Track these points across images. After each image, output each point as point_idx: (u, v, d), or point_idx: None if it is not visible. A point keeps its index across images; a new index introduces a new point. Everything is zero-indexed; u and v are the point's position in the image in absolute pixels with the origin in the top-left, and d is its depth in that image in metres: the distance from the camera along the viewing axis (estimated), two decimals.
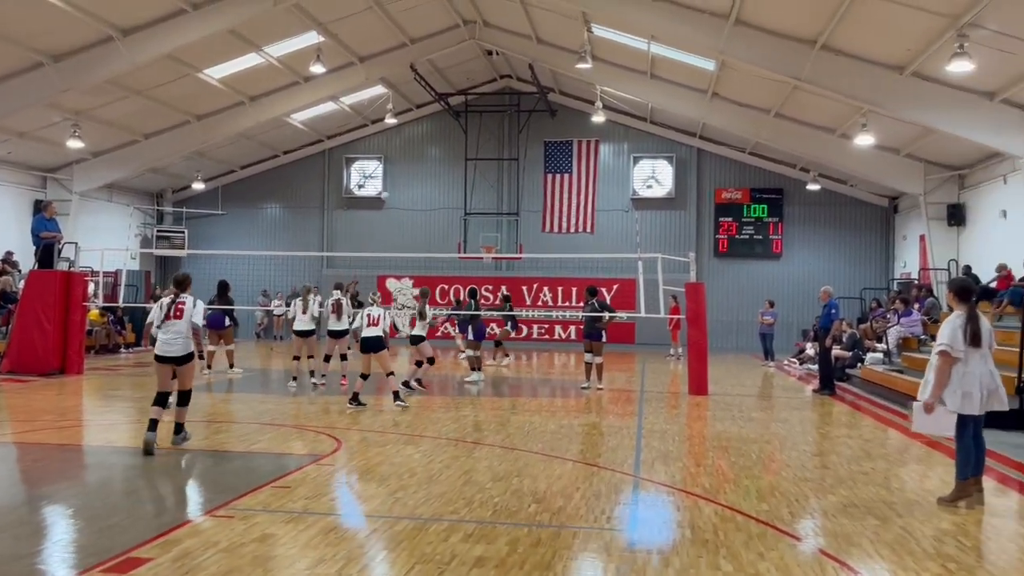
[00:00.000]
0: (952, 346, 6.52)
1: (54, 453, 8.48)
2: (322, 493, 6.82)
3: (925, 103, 16.22)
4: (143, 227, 28.36)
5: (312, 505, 6.39)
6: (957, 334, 6.53)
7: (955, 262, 20.46)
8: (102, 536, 5.51)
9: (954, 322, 6.63)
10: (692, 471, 7.94)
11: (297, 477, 7.33)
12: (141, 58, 18.29)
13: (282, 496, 6.61)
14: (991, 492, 7.19)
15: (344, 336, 14.78)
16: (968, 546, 5.64)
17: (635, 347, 25.96)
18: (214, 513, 6.08)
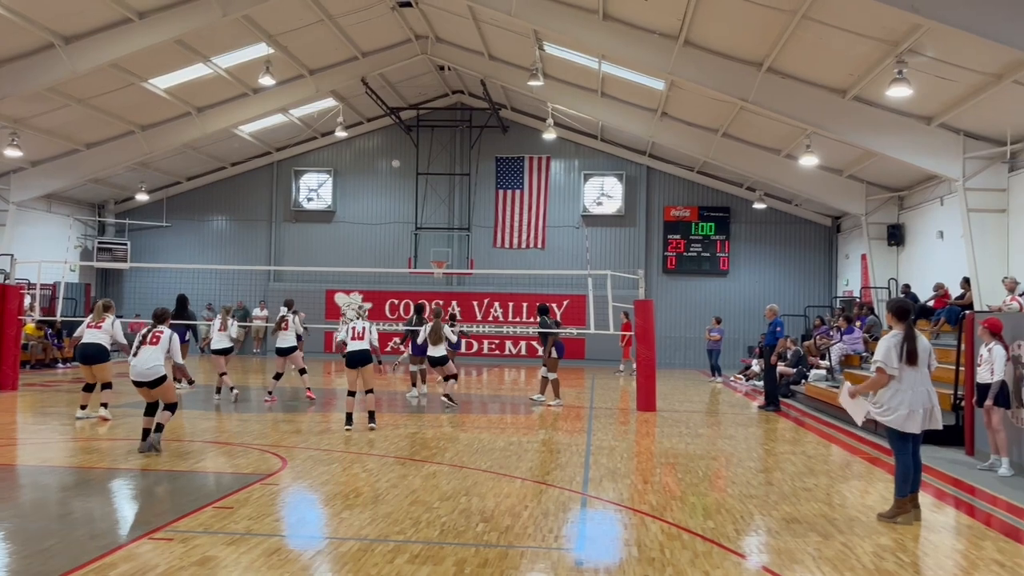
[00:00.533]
0: (886, 363, 6.75)
1: None
2: (266, 514, 6.68)
3: (866, 126, 16.66)
4: (83, 239, 27.63)
5: (255, 526, 6.25)
6: (891, 352, 6.75)
7: (895, 281, 21.03)
8: (34, 561, 5.32)
9: (890, 340, 6.83)
10: (640, 488, 7.98)
11: (240, 497, 7.18)
12: (83, 66, 17.89)
13: (224, 517, 6.47)
14: (928, 508, 7.36)
15: (292, 353, 14.56)
16: (907, 562, 5.75)
17: (585, 362, 26.07)
18: (152, 536, 5.92)
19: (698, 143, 22.82)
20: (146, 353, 9.30)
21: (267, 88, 21.84)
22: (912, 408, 6.72)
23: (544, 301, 21.88)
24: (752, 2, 14.17)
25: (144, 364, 9.24)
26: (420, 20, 21.55)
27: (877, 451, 10.69)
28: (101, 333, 11.57)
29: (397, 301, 27.29)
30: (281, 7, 18.35)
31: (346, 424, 11.32)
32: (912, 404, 6.72)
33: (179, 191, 28.99)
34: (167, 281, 27.16)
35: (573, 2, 17.03)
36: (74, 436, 10.54)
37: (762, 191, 25.76)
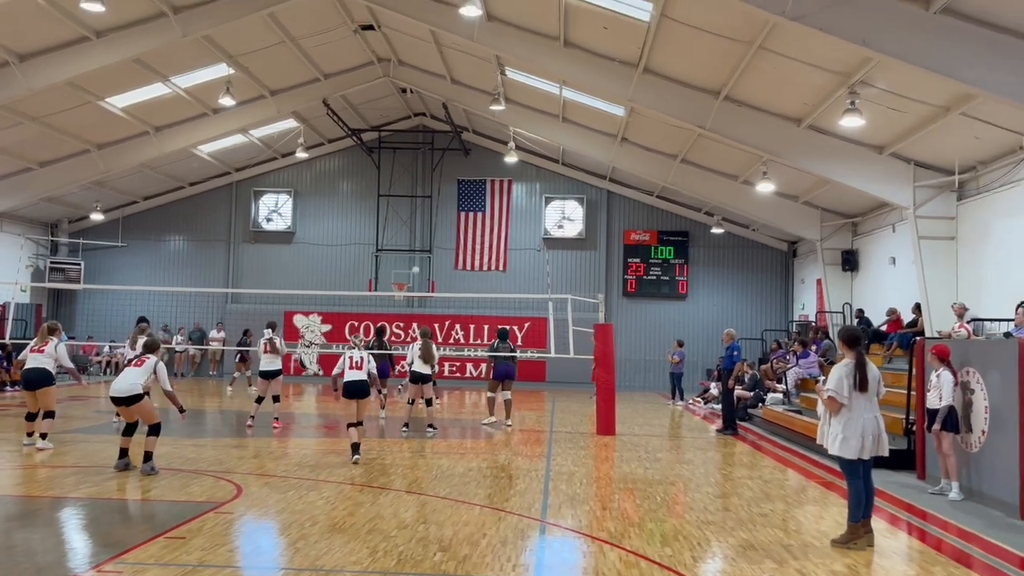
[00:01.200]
0: (838, 392, 6.88)
1: None
2: (219, 544, 6.56)
3: (820, 154, 17.04)
4: (35, 258, 27.02)
5: (208, 557, 6.14)
6: (843, 381, 6.88)
7: (849, 305, 21.42)
8: None
9: (841, 369, 6.97)
10: (598, 515, 7.99)
11: (193, 526, 7.05)
12: (39, 84, 17.63)
13: (176, 548, 6.34)
14: (881, 533, 7.47)
15: (276, 377, 14.15)
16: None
17: (546, 385, 26.11)
18: (101, 568, 5.79)
19: (657, 168, 23.12)
20: (127, 373, 9.75)
21: (227, 108, 21.69)
22: (863, 435, 6.84)
23: (505, 324, 21.95)
24: (710, 32, 14.46)
25: (123, 382, 9.60)
26: (382, 43, 21.61)
27: (832, 475, 10.83)
28: (44, 357, 11.30)
29: (357, 323, 27.08)
30: (242, 28, 18.28)
31: (353, 454, 10.60)
32: (863, 431, 6.84)
33: (136, 211, 28.55)
34: (122, 302, 26.66)
35: (534, 29, 17.23)
36: (20, 463, 10.26)
37: (720, 216, 26.14)
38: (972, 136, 14.37)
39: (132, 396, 9.55)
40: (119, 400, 9.60)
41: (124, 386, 9.58)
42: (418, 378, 14.22)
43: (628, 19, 15.28)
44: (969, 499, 9.18)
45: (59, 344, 11.54)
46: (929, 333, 15.26)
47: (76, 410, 16.74)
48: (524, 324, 26.81)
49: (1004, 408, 8.70)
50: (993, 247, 15.01)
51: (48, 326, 11.75)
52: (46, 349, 11.33)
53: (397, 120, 27.97)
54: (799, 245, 26.35)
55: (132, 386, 9.58)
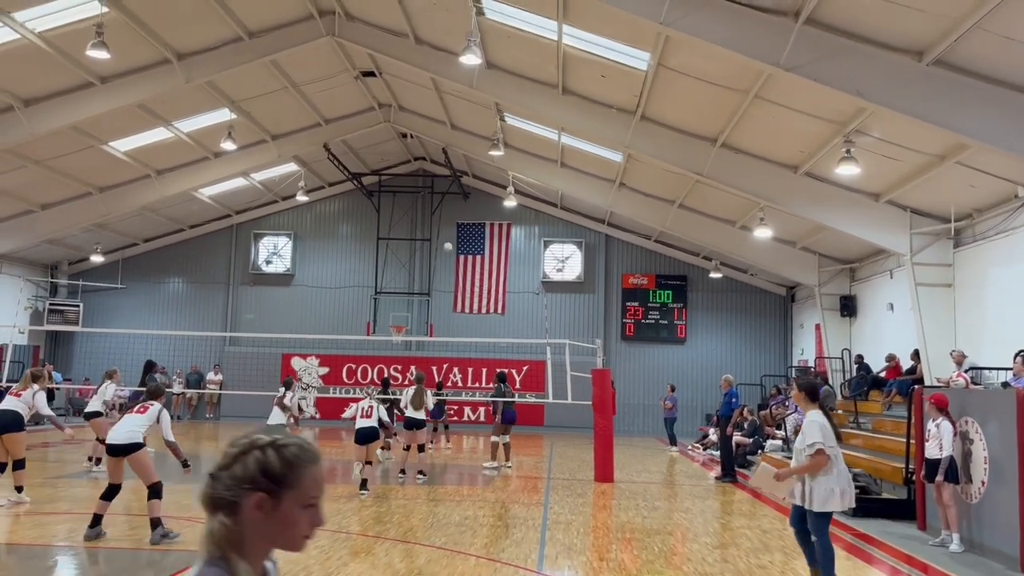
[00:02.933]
0: (826, 444, 6.59)
1: None
2: None
3: (817, 201, 17.16)
4: (34, 300, 27.04)
5: None
6: (828, 432, 6.63)
7: (848, 351, 21.39)
8: None
9: (818, 421, 6.69)
10: (595, 566, 7.90)
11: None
12: (42, 128, 17.82)
13: None
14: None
15: None
16: None
17: (544, 430, 25.95)
18: None
19: (655, 213, 23.27)
20: (127, 419, 8.70)
21: (229, 152, 21.88)
22: (841, 487, 6.65)
23: (503, 367, 21.89)
24: (706, 81, 14.67)
25: (123, 427, 8.59)
26: (383, 89, 21.89)
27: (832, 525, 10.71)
28: (19, 402, 10.71)
29: (355, 366, 27.02)
30: (245, 74, 18.54)
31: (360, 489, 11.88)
32: (846, 484, 6.68)
33: (135, 252, 28.65)
34: (120, 344, 26.57)
35: (533, 76, 17.48)
36: (16, 509, 10.16)
37: (718, 260, 26.23)
38: (967, 184, 14.49)
39: (131, 444, 8.50)
40: (116, 449, 8.53)
41: (122, 433, 8.53)
42: (412, 424, 14.17)
43: (625, 68, 15.51)
44: (970, 551, 9.08)
45: (37, 392, 10.96)
46: (928, 380, 15.22)
47: (70, 454, 16.61)
48: (522, 367, 26.74)
49: (1003, 459, 8.65)
50: (991, 294, 15.04)
51: (32, 372, 11.29)
52: (23, 394, 10.77)
53: (397, 164, 28.22)
54: (797, 290, 26.40)
55: (131, 433, 8.53)
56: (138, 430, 8.63)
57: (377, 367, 19.65)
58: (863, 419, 16.62)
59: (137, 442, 8.57)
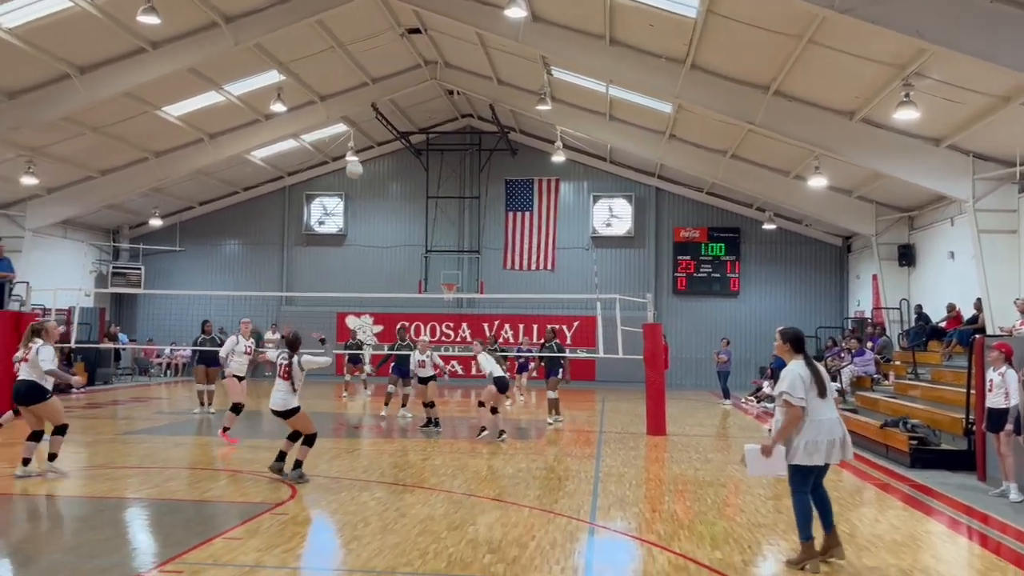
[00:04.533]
0: (792, 394, 6.15)
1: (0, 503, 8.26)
2: (275, 544, 6.71)
3: (874, 148, 16.69)
4: (98, 264, 27.91)
5: (264, 558, 6.29)
6: (796, 383, 6.17)
7: (906, 301, 20.95)
8: None
9: (794, 370, 6.29)
10: (648, 517, 7.97)
11: (250, 527, 7.22)
12: (99, 96, 18.19)
13: (234, 548, 6.51)
14: (940, 536, 7.32)
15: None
16: None
17: (595, 384, 26.05)
18: (163, 568, 5.97)
19: (706, 165, 22.90)
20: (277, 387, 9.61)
21: (279, 114, 22.09)
22: (817, 439, 6.12)
23: (554, 323, 22.02)
24: (758, 27, 14.28)
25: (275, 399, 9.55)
26: (429, 46, 21.79)
27: (889, 477, 10.64)
28: (29, 367, 9.52)
29: (408, 323, 27.33)
30: (292, 36, 18.60)
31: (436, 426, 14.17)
32: (817, 435, 6.12)
33: (192, 216, 29.28)
34: (180, 305, 27.33)
35: (580, 28, 17.20)
36: (88, 463, 10.62)
37: (772, 212, 25.77)
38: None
39: (289, 411, 9.48)
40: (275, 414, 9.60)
41: (278, 402, 9.51)
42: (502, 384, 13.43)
43: (674, 16, 15.17)
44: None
45: (41, 347, 9.51)
46: (990, 330, 14.85)
47: (138, 411, 17.24)
48: (573, 323, 26.80)
49: None
50: None
51: (31, 327, 9.90)
52: (30, 357, 9.51)
53: (444, 122, 28.17)
54: (854, 240, 25.84)
55: (285, 400, 9.48)
56: (289, 395, 9.49)
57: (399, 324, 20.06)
58: (922, 370, 16.32)
59: (294, 407, 9.49)
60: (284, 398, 9.47)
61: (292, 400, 9.47)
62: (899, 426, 12.03)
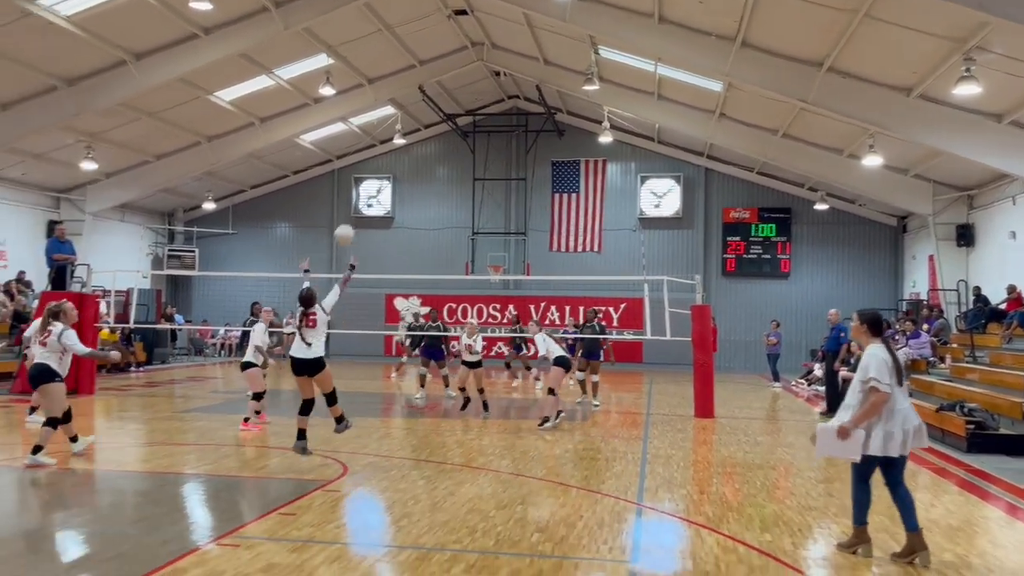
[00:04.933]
0: (880, 380, 5.85)
1: (65, 477, 8.56)
2: (327, 520, 6.86)
3: (932, 125, 16.25)
4: (154, 246, 28.60)
5: (317, 533, 6.43)
6: (883, 368, 5.89)
7: (964, 283, 20.41)
8: (111, 565, 5.58)
9: (877, 355, 5.98)
10: (696, 499, 7.95)
11: (303, 503, 7.38)
12: (153, 81, 18.56)
13: (287, 524, 6.66)
14: (997, 522, 7.18)
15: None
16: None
17: (642, 366, 25.96)
18: (220, 541, 6.14)
19: (757, 144, 22.55)
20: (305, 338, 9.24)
21: (327, 98, 22.30)
22: (894, 430, 5.88)
23: (600, 305, 21.97)
24: (811, 2, 13.97)
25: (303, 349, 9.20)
26: (476, 27, 21.76)
27: (945, 461, 10.43)
28: (47, 351, 9.19)
29: (455, 305, 27.55)
30: (340, 19, 18.74)
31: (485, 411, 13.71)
32: (894, 426, 5.88)
33: (244, 199, 29.79)
34: (233, 287, 27.89)
35: (628, 6, 17.01)
36: (149, 440, 10.95)
37: (824, 191, 25.29)
38: None
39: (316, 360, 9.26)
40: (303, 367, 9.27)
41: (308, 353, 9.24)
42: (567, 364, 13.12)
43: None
44: None
45: (64, 331, 9.22)
46: None
47: (194, 390, 17.68)
48: (620, 305, 26.72)
49: None
50: None
51: (50, 309, 9.48)
52: (48, 341, 9.19)
53: (491, 103, 28.15)
54: (909, 220, 25.24)
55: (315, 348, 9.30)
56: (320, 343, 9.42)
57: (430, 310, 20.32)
58: (980, 353, 15.92)
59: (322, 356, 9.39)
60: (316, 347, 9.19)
61: (321, 348, 9.23)
62: (956, 410, 11.77)
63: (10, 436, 11.37)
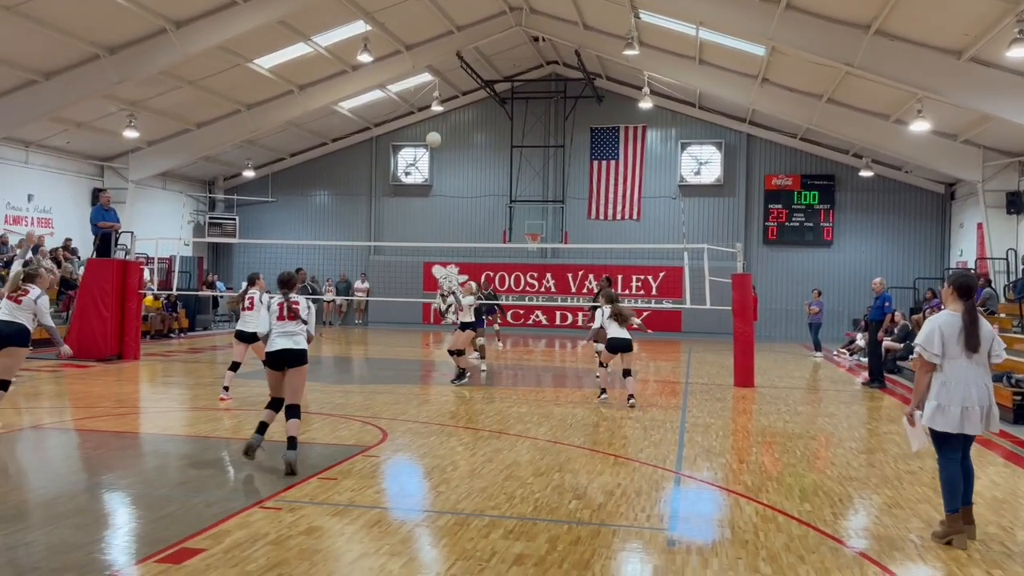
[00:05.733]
0: (925, 347, 5.66)
1: (112, 440, 8.78)
2: (367, 485, 6.96)
3: (983, 89, 15.75)
4: (196, 214, 28.99)
5: (357, 498, 6.53)
6: (934, 335, 5.65)
7: (1013, 251, 19.89)
8: (157, 526, 5.73)
9: (934, 321, 5.76)
10: (735, 468, 7.92)
11: (343, 468, 7.49)
12: (193, 49, 18.64)
13: (328, 488, 6.77)
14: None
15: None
16: (1015, 552, 5.55)
17: (681, 335, 25.81)
18: (263, 504, 6.26)
19: (801, 109, 22.06)
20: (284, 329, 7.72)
21: (365, 65, 22.24)
22: (948, 404, 5.59)
23: (640, 273, 21.80)
24: None
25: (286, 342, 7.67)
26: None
27: (988, 433, 10.23)
28: (21, 309, 8.71)
29: (492, 273, 27.55)
30: None
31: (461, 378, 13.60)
32: (965, 400, 5.56)
33: (283, 167, 29.99)
34: (274, 254, 28.20)
35: None
36: (192, 405, 11.18)
37: (869, 158, 24.73)
38: None
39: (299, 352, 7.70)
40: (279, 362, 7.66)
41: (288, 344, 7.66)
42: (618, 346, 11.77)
43: None
44: None
45: (41, 296, 8.89)
46: None
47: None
48: (659, 274, 26.52)
49: None
50: None
51: (26, 272, 9.08)
52: (24, 300, 8.72)
53: (529, 69, 27.87)
54: (957, 187, 24.60)
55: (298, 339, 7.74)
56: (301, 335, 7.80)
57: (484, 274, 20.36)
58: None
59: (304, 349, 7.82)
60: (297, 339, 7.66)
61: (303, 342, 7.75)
62: (1003, 381, 11.53)
63: (59, 400, 11.68)
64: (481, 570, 4.95)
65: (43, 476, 7.36)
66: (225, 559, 5.04)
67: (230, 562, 4.99)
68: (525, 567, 5.02)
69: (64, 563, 4.93)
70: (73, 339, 16.00)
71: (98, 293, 16.20)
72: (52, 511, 6.01)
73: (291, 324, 7.70)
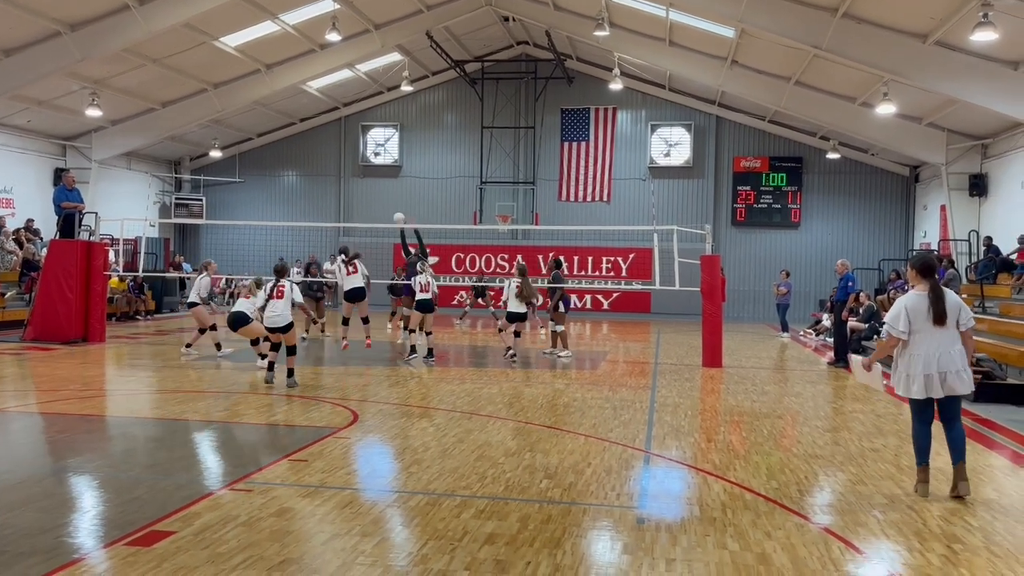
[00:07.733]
0: (892, 325, 6.35)
1: (78, 424, 8.68)
2: (338, 467, 6.95)
3: (948, 72, 15.99)
4: (161, 195, 28.55)
5: (328, 479, 6.52)
6: (900, 315, 6.30)
7: (976, 233, 20.28)
8: (126, 509, 5.67)
9: (900, 302, 6.42)
10: (703, 447, 8.02)
11: (314, 450, 7.47)
12: (157, 27, 18.32)
13: (299, 469, 6.76)
14: (1003, 471, 7.23)
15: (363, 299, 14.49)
16: (975, 526, 5.69)
17: (651, 316, 26.00)
18: (233, 487, 6.23)
19: (769, 92, 22.23)
20: (276, 307, 11.07)
21: (333, 44, 22.01)
22: (911, 372, 6.28)
23: (609, 255, 21.86)
24: None
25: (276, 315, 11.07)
26: None
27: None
28: None
29: (463, 255, 27.53)
30: None
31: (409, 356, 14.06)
32: (927, 367, 6.19)
33: (251, 147, 29.62)
34: (241, 236, 27.92)
35: None
36: (160, 388, 11.07)
37: (836, 140, 25.01)
38: None
39: (287, 325, 11.12)
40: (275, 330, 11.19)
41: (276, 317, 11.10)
42: (515, 318, 14.40)
43: None
44: None
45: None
46: None
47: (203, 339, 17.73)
48: (628, 255, 26.66)
49: None
50: None
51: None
52: None
53: (500, 50, 27.75)
54: (922, 169, 24.98)
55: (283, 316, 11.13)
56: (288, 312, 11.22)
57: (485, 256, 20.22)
58: (990, 303, 15.88)
59: (291, 322, 11.19)
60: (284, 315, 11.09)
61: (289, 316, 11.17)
62: None
63: (24, 383, 11.51)
64: (453, 549, 4.98)
65: (7, 460, 7.25)
66: (195, 541, 5.01)
67: (200, 544, 4.97)
68: (497, 546, 5.05)
69: (31, 547, 4.87)
70: (37, 321, 15.79)
71: (62, 274, 15.92)
72: (17, 495, 5.93)
73: (280, 303, 11.06)
